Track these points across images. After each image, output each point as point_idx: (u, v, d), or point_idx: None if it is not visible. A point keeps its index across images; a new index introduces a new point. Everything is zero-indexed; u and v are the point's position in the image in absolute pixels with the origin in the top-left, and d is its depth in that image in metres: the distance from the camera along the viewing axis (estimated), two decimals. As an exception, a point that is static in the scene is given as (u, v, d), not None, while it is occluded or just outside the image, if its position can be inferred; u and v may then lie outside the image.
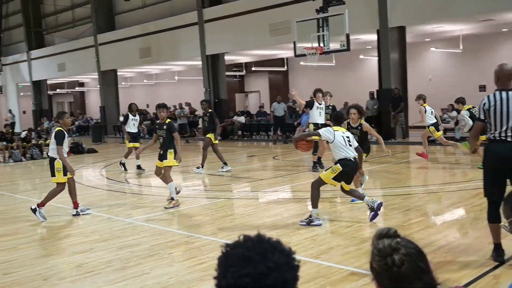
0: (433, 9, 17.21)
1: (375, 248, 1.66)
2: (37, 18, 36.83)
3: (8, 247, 6.83)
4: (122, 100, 32.23)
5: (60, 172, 8.27)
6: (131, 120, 14.22)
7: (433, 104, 21.03)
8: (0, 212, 8.85)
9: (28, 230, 7.79)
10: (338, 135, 6.98)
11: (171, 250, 6.26)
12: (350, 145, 6.98)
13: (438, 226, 7.05)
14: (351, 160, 6.94)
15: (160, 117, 9.24)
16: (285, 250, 1.47)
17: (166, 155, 9.02)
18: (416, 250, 1.65)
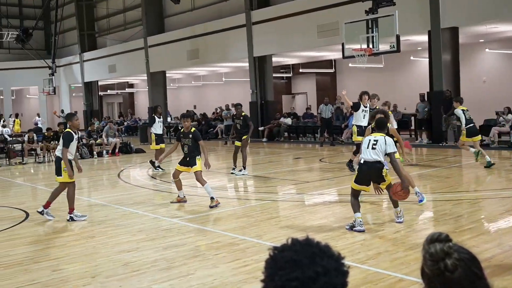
0: (487, 9, 16.67)
1: (427, 253, 1.60)
2: (90, 21, 38.00)
3: (59, 244, 7.01)
4: (170, 101, 32.79)
5: (67, 172, 8.25)
6: (157, 122, 14.62)
7: (487, 106, 20.58)
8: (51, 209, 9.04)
9: (77, 227, 7.95)
10: (365, 140, 7.09)
11: (216, 251, 6.25)
12: (373, 148, 6.89)
13: (492, 233, 6.78)
14: (364, 162, 6.92)
15: (185, 126, 9.42)
16: (334, 255, 1.44)
17: (194, 161, 9.25)
18: (470, 255, 1.59)
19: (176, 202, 9.52)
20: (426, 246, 1.61)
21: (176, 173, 9.49)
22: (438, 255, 1.57)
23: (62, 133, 8.48)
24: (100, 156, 19.94)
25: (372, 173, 6.94)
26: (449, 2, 17.39)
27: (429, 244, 1.61)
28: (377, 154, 6.88)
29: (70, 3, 36.99)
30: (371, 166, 6.89)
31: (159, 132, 14.58)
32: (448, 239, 1.60)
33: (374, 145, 6.92)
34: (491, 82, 22.50)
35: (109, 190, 12.17)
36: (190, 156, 9.30)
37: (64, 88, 40.84)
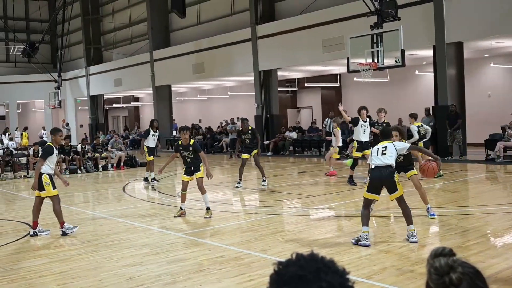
0: (492, 24, 16.73)
1: (432, 267, 1.60)
2: (96, 35, 38.36)
3: (63, 258, 6.97)
4: (175, 115, 32.88)
5: (49, 186, 8.21)
6: (151, 135, 15.05)
7: (491, 120, 20.58)
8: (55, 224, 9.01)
9: (81, 241, 7.93)
10: (374, 149, 7.17)
11: (221, 266, 6.22)
12: (383, 154, 6.94)
13: (498, 248, 6.74)
14: (375, 168, 6.93)
15: (184, 139, 9.47)
16: (339, 270, 1.42)
17: (198, 168, 9.48)
18: (474, 269, 1.59)
19: (179, 216, 9.56)
20: (430, 261, 1.62)
21: (184, 184, 9.61)
22: (443, 269, 1.57)
23: (44, 146, 8.54)
24: (105, 170, 19.97)
25: (384, 178, 6.90)
26: (453, 17, 17.46)
27: (434, 259, 1.61)
28: (387, 159, 6.91)
29: (76, 17, 37.35)
30: (383, 170, 6.88)
31: (151, 146, 15.07)
32: (452, 253, 1.61)
33: (383, 151, 6.96)
34: (496, 97, 22.50)
35: (114, 204, 12.15)
36: (193, 166, 9.50)
37: (70, 101, 41.05)
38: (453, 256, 1.60)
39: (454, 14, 17.40)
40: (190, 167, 9.53)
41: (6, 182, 17.40)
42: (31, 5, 41.99)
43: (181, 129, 9.72)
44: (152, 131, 15.11)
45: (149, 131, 15.15)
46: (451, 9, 17.45)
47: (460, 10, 17.31)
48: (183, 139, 9.48)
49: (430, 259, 1.62)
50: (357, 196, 11.09)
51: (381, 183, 6.97)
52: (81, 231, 8.70)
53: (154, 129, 15.21)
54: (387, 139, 7.25)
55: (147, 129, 15.55)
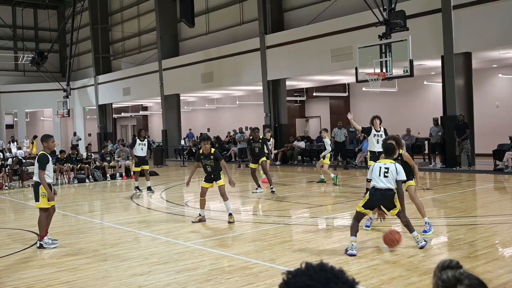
0: (500, 35, 16.76)
1: (439, 279, 1.64)
2: (105, 45, 38.59)
3: (71, 267, 6.96)
4: (184, 124, 32.98)
5: (44, 197, 8.08)
6: (138, 144, 15.19)
7: (499, 131, 20.54)
8: (63, 233, 9.09)
9: (90, 250, 7.92)
10: (376, 166, 7.11)
11: (229, 275, 6.22)
12: (385, 176, 6.96)
13: (507, 258, 6.72)
14: (377, 190, 6.96)
15: (205, 148, 9.76)
16: (348, 281, 1.42)
17: (219, 176, 9.80)
18: (479, 281, 1.63)
19: (197, 221, 9.78)
20: (438, 273, 1.65)
21: (203, 190, 9.89)
22: (450, 281, 1.61)
23: (37, 156, 8.27)
24: (113, 179, 20.00)
25: (384, 200, 7.02)
26: (462, 28, 17.49)
27: (441, 271, 1.65)
28: (389, 182, 6.95)
29: (85, 26, 37.57)
30: (384, 194, 6.94)
31: (140, 155, 15.19)
32: (459, 266, 1.65)
33: (386, 173, 6.98)
34: (504, 107, 22.47)
35: (122, 213, 12.16)
36: (214, 173, 9.80)
37: (78, 110, 41.26)
38: (460, 268, 1.64)
39: (463, 25, 17.44)
40: (210, 175, 9.81)
41: (15, 191, 17.46)
42: (40, 14, 42.38)
43: (202, 139, 10.01)
44: (138, 141, 15.26)
45: (135, 140, 15.35)
46: (459, 19, 17.49)
47: (468, 21, 17.33)
48: (204, 148, 9.75)
49: (438, 272, 1.66)
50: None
51: (380, 204, 7.10)
52: (89, 240, 8.74)
53: (141, 138, 15.34)
54: (390, 157, 7.23)
55: (133, 139, 15.79)
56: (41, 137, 8.66)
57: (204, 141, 9.78)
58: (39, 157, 8.17)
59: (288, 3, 25.01)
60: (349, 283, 1.41)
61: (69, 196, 15.96)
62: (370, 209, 7.14)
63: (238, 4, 27.62)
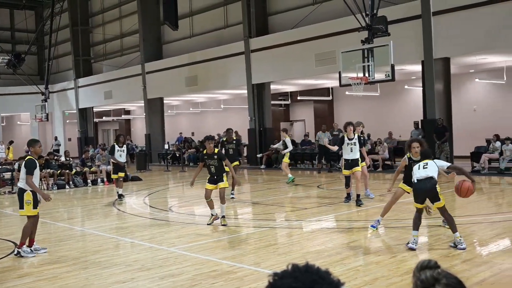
0: (477, 41, 17.19)
1: (418, 279, 1.71)
2: (86, 47, 37.74)
3: (50, 276, 6.78)
4: (167, 128, 32.76)
5: (29, 204, 7.89)
6: (117, 151, 14.55)
7: (477, 134, 21.00)
8: (42, 240, 8.76)
9: (70, 258, 7.71)
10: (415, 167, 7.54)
11: (213, 280, 6.16)
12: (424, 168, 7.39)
13: (484, 257, 6.98)
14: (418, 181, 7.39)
15: (209, 148, 9.85)
16: (334, 282, 1.43)
17: (222, 178, 9.85)
18: (457, 280, 1.72)
19: (212, 222, 9.87)
20: (417, 273, 1.74)
21: (208, 193, 9.95)
22: (428, 281, 1.70)
23: (24, 162, 8.07)
24: (94, 184, 19.48)
25: (427, 189, 7.29)
26: (441, 34, 17.88)
27: (420, 271, 1.74)
28: (429, 171, 7.31)
29: (65, 28, 36.70)
30: (426, 182, 7.27)
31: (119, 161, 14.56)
32: (437, 266, 1.75)
33: (425, 166, 7.38)
34: (481, 111, 23.03)
35: (103, 219, 11.84)
36: (217, 175, 9.85)
37: (58, 114, 40.04)
38: (438, 268, 1.73)
39: (442, 31, 17.83)
40: (214, 176, 9.87)
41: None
42: (17, 15, 40.82)
43: (206, 138, 10.04)
44: (117, 147, 14.61)
45: (114, 146, 14.70)
46: (438, 26, 17.88)
47: (447, 27, 17.74)
48: (208, 148, 9.85)
49: (417, 272, 1.74)
50: (349, 209, 11.31)
51: (425, 194, 7.36)
52: (69, 247, 8.50)
53: (120, 144, 14.68)
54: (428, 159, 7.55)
55: (112, 145, 15.16)
56: (28, 142, 8.50)
57: (208, 140, 9.86)
58: (27, 162, 7.97)
59: (273, 7, 25.19)
60: (334, 284, 1.43)
61: (48, 203, 15.51)
62: (420, 203, 7.41)
63: (222, 7, 27.69)
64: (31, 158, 8.08)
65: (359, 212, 10.90)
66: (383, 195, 13.69)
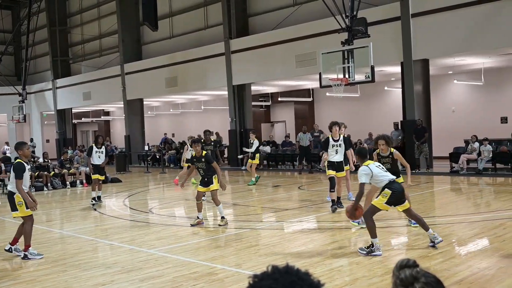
0: (456, 43, 17.42)
1: (398, 278, 1.74)
2: (64, 47, 37.38)
3: (28, 279, 6.71)
4: (147, 129, 32.59)
5: (22, 205, 7.81)
6: (95, 152, 14.23)
7: (455, 135, 21.28)
8: (20, 243, 8.59)
9: (48, 261, 7.61)
10: (373, 167, 7.36)
11: (194, 282, 6.13)
12: (385, 170, 7.44)
13: (462, 256, 7.04)
14: (395, 181, 7.26)
15: (196, 151, 9.99)
16: (313, 283, 1.44)
17: (212, 180, 9.96)
18: (435, 278, 1.75)
19: (196, 224, 9.99)
20: (396, 272, 1.77)
21: (199, 194, 10.14)
22: (408, 280, 1.73)
23: (13, 165, 7.93)
24: (73, 186, 19.33)
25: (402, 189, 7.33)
26: (420, 35, 18.07)
27: (399, 270, 1.77)
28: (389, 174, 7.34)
29: (42, 28, 36.32)
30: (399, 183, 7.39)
31: (96, 163, 14.20)
32: (416, 265, 1.78)
33: (383, 168, 7.48)
34: (459, 112, 23.34)
35: (83, 221, 11.68)
36: (207, 177, 10.00)
37: (35, 115, 39.65)
38: (416, 267, 1.77)
39: (421, 32, 18.02)
40: (204, 178, 10.02)
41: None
42: (-7, 14, 40.30)
43: (193, 141, 10.20)
44: (95, 148, 14.28)
45: (92, 147, 14.39)
46: (417, 27, 18.06)
47: (426, 29, 17.93)
48: (196, 151, 9.98)
49: (396, 271, 1.78)
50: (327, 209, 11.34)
51: (402, 194, 7.26)
52: (49, 250, 8.38)
53: (99, 145, 14.35)
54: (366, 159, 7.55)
55: (90, 146, 14.82)
56: (15, 145, 8.31)
57: (195, 143, 9.97)
58: (15, 166, 7.81)
59: (253, 8, 25.20)
60: (314, 285, 1.44)
61: (26, 205, 15.41)
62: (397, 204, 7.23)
63: (202, 8, 27.60)
64: (20, 161, 7.88)
65: (340, 213, 10.93)
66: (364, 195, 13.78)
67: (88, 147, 15.09)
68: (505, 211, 10.13)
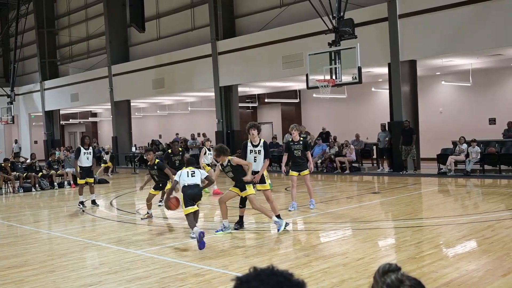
0: (443, 44, 17.43)
1: (384, 284, 1.71)
2: (52, 49, 37.47)
3: (16, 279, 6.70)
4: (135, 131, 32.54)
5: None
6: (83, 154, 13.47)
7: (443, 136, 21.33)
8: (8, 244, 8.79)
9: (36, 262, 7.63)
10: (183, 173, 8.63)
11: (181, 283, 6.16)
12: (192, 177, 8.60)
13: (450, 258, 7.00)
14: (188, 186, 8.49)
15: (149, 159, 11.07)
16: (299, 283, 1.45)
17: (166, 184, 11.17)
18: (417, 281, 1.73)
19: (146, 218, 10.98)
20: (382, 278, 1.73)
21: (150, 196, 11.12)
22: (394, 284, 1.70)
23: None
24: (61, 187, 19.43)
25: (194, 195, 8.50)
26: (407, 36, 18.09)
27: (384, 276, 1.73)
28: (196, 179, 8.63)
29: (30, 30, 36.46)
30: (194, 188, 8.51)
31: (84, 165, 13.46)
32: (399, 268, 1.75)
33: (192, 174, 8.59)
34: (447, 113, 23.39)
35: (70, 222, 11.71)
36: (161, 182, 11.16)
37: (24, 117, 39.88)
38: (399, 270, 1.74)
39: (408, 33, 18.05)
40: (159, 184, 11.13)
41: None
42: (-19, 17, 40.60)
43: (145, 150, 11.17)
44: (83, 149, 13.46)
45: (80, 149, 13.55)
46: (405, 28, 18.09)
47: (413, 30, 17.96)
48: (149, 159, 10.91)
49: (381, 276, 1.73)
50: (314, 211, 11.30)
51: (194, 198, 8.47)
52: (36, 251, 8.47)
53: (86, 146, 13.56)
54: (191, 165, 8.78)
55: (77, 147, 13.96)
56: None
57: (146, 152, 10.77)
58: None
59: (240, 10, 25.16)
60: (300, 285, 1.45)
61: (14, 206, 15.42)
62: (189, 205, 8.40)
63: (189, 10, 27.55)
64: None
65: (328, 214, 10.89)
66: (350, 197, 13.79)
67: (76, 149, 14.41)
68: (493, 213, 10.13)
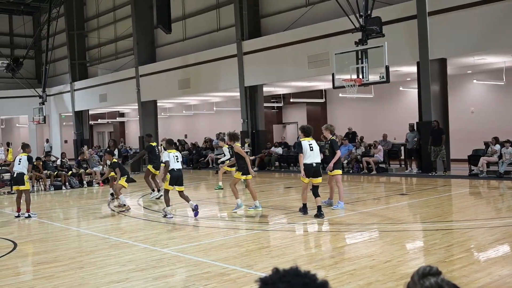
0: (474, 42, 17.01)
1: (422, 287, 1.66)
2: (81, 51, 38.29)
3: (46, 275, 6.85)
4: (161, 130, 32.76)
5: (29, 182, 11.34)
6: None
7: (474, 137, 20.85)
8: (39, 240, 8.99)
9: (66, 258, 7.81)
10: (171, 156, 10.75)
11: (206, 282, 6.17)
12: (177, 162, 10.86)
13: (482, 263, 6.78)
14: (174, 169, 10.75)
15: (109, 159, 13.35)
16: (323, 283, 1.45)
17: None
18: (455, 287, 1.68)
19: (118, 206, 12.73)
20: (421, 280, 1.66)
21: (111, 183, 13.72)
22: None
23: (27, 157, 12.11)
24: (90, 186, 19.82)
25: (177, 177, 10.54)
26: (437, 34, 17.72)
27: (423, 278, 1.67)
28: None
29: (61, 32, 37.19)
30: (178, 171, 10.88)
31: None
32: (439, 272, 1.68)
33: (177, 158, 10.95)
34: (479, 113, 22.83)
35: (99, 220, 12.01)
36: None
37: (55, 117, 40.79)
38: (440, 275, 1.67)
39: (438, 31, 17.67)
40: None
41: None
42: (15, 20, 41.66)
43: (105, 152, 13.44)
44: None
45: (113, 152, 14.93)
46: (434, 26, 17.73)
47: (443, 27, 17.58)
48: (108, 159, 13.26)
49: (419, 279, 1.67)
50: (342, 211, 11.13)
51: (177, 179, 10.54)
52: (66, 247, 8.64)
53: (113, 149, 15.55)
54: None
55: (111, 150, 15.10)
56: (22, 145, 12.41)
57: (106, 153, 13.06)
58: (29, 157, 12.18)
59: (265, 10, 25.09)
60: (324, 285, 1.44)
61: (45, 204, 15.75)
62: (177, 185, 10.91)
63: (215, 10, 27.61)
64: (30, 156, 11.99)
65: (353, 215, 10.72)
66: (377, 198, 13.57)
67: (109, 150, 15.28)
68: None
